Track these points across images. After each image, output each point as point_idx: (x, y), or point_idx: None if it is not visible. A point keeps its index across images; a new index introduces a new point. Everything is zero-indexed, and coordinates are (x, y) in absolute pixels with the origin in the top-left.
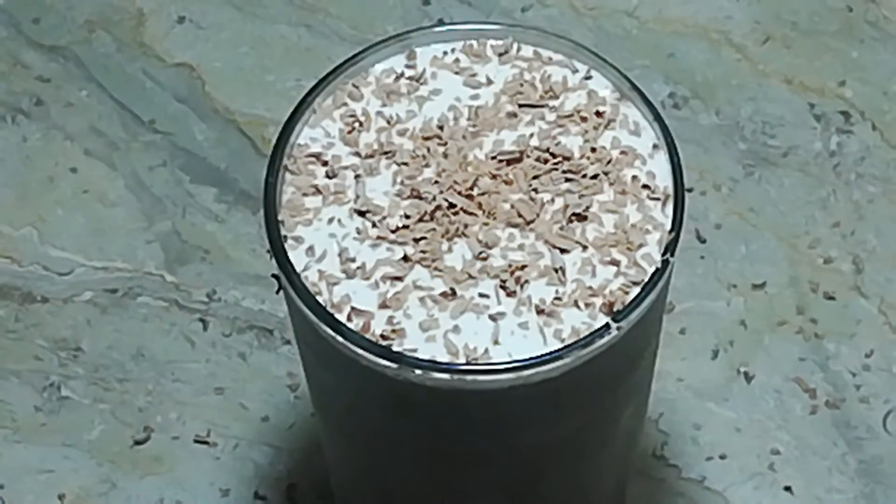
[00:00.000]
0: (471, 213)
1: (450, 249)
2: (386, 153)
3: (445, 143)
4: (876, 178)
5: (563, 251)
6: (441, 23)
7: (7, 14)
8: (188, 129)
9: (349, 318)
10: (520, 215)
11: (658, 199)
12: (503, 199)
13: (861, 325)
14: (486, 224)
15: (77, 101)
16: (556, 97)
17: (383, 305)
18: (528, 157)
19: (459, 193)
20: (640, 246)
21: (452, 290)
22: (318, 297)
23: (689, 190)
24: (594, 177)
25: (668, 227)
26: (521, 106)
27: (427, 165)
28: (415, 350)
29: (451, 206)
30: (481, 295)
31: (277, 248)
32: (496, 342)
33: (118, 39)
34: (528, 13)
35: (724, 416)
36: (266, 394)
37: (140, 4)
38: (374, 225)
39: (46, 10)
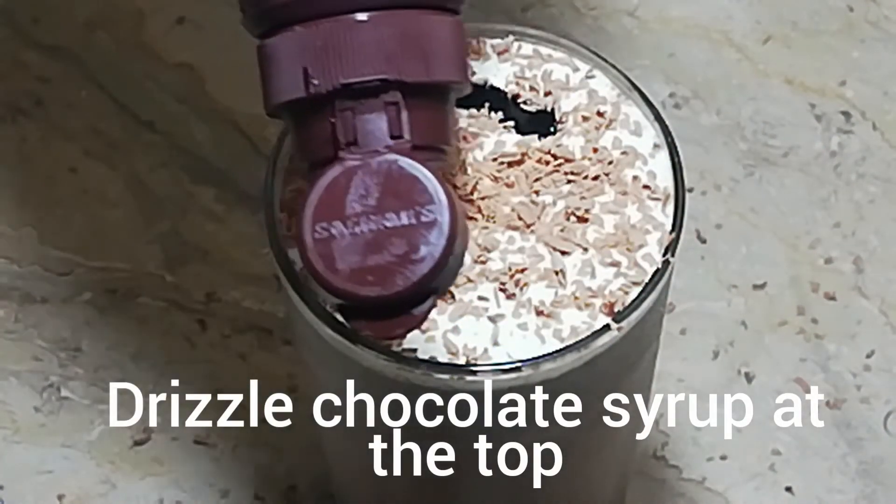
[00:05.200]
0: (470, 217)
1: None
2: None
3: None
4: (877, 178)
5: (563, 253)
6: None
7: (7, 14)
8: (188, 129)
9: None
10: (520, 218)
11: (658, 199)
12: (504, 202)
13: (862, 325)
14: (485, 227)
15: (77, 101)
16: (558, 97)
17: None
18: (530, 158)
19: (460, 197)
20: (641, 246)
21: (451, 293)
22: (317, 296)
23: (690, 190)
24: (595, 178)
25: (669, 227)
26: (522, 105)
27: None
28: (414, 350)
29: None
30: (480, 298)
31: (277, 248)
32: (496, 343)
33: (118, 39)
34: (528, 13)
35: (725, 417)
36: (266, 394)
37: (140, 4)
38: None
39: (46, 10)
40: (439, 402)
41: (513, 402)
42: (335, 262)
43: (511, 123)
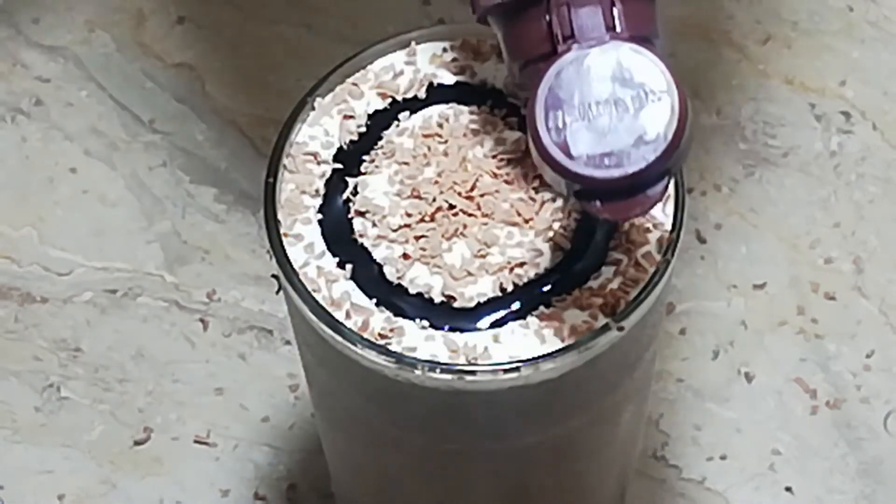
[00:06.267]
0: (470, 214)
1: (450, 249)
2: (386, 152)
3: (446, 142)
4: (876, 178)
5: (562, 249)
6: (441, 22)
7: (7, 14)
8: (188, 129)
9: (348, 316)
10: (519, 214)
11: None
12: (503, 198)
13: (862, 325)
14: (484, 224)
15: (77, 101)
16: None
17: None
18: (529, 155)
19: (459, 194)
20: (641, 244)
21: (450, 296)
22: (316, 294)
23: (690, 190)
24: None
25: (669, 226)
26: (522, 102)
27: (427, 164)
28: (414, 349)
29: (451, 206)
30: (480, 294)
31: (277, 248)
32: (496, 341)
33: (118, 39)
34: None
35: (725, 417)
36: (266, 394)
37: (140, 4)
38: (374, 224)
39: (46, 10)
40: (440, 402)
41: (513, 402)
42: (570, 149)
43: (514, 120)
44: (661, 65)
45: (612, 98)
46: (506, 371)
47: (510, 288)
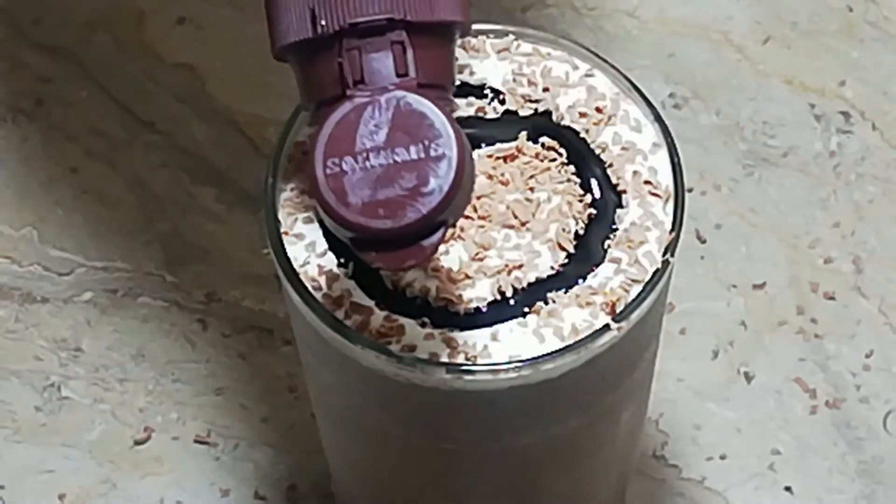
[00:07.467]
0: (466, 217)
1: (447, 252)
2: None
3: None
4: (876, 178)
5: (561, 249)
6: None
7: (7, 14)
8: (188, 129)
9: (347, 315)
10: (515, 216)
11: (659, 196)
12: (499, 200)
13: (861, 325)
14: (481, 227)
15: (77, 101)
16: (556, 93)
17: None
18: (526, 154)
19: None
20: (642, 243)
21: (448, 299)
22: (317, 293)
23: (690, 190)
24: (594, 173)
25: (669, 226)
26: (519, 101)
27: None
28: (414, 347)
29: None
30: (479, 298)
31: (277, 248)
32: (495, 340)
33: (118, 39)
34: (528, 13)
35: (725, 417)
36: (266, 394)
37: (140, 4)
38: None
39: (46, 10)
40: (439, 401)
41: (513, 402)
42: (347, 196)
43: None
44: (443, 116)
45: (391, 147)
46: (505, 370)
47: (509, 291)
